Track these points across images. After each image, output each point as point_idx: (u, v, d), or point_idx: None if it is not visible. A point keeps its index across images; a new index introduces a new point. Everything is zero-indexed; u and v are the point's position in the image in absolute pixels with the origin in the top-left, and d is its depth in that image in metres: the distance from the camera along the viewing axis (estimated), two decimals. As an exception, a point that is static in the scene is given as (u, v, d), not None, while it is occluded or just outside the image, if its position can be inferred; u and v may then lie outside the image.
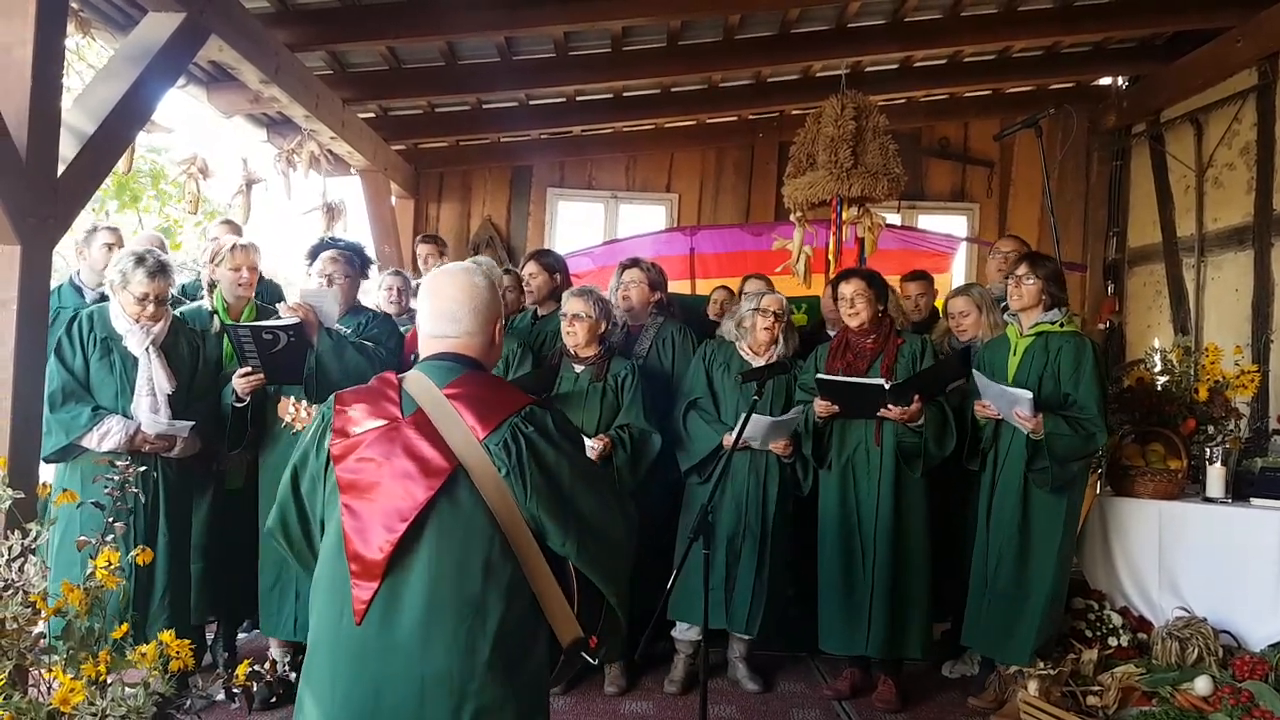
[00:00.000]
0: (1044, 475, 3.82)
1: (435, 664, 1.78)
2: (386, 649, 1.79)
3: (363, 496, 1.82)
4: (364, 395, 1.94)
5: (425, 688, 1.78)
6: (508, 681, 1.82)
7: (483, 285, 2.00)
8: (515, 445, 1.84)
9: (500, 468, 1.83)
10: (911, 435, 4.02)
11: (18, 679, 2.38)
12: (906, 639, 4.07)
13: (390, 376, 1.95)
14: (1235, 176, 6.19)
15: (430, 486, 1.80)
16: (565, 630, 1.89)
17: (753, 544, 4.16)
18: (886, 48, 6.39)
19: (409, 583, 1.80)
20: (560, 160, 8.04)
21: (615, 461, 4.02)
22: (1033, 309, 4.00)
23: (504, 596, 1.82)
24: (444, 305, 1.97)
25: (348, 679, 1.81)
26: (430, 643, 1.79)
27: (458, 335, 1.97)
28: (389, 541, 1.78)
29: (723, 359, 4.31)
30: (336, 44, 5.60)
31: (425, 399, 1.88)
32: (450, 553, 1.81)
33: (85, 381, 3.51)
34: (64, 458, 3.48)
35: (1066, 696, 3.70)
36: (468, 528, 1.82)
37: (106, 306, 3.62)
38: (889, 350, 4.15)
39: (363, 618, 1.79)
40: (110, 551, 2.53)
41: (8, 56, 2.88)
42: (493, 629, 1.80)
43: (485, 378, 1.98)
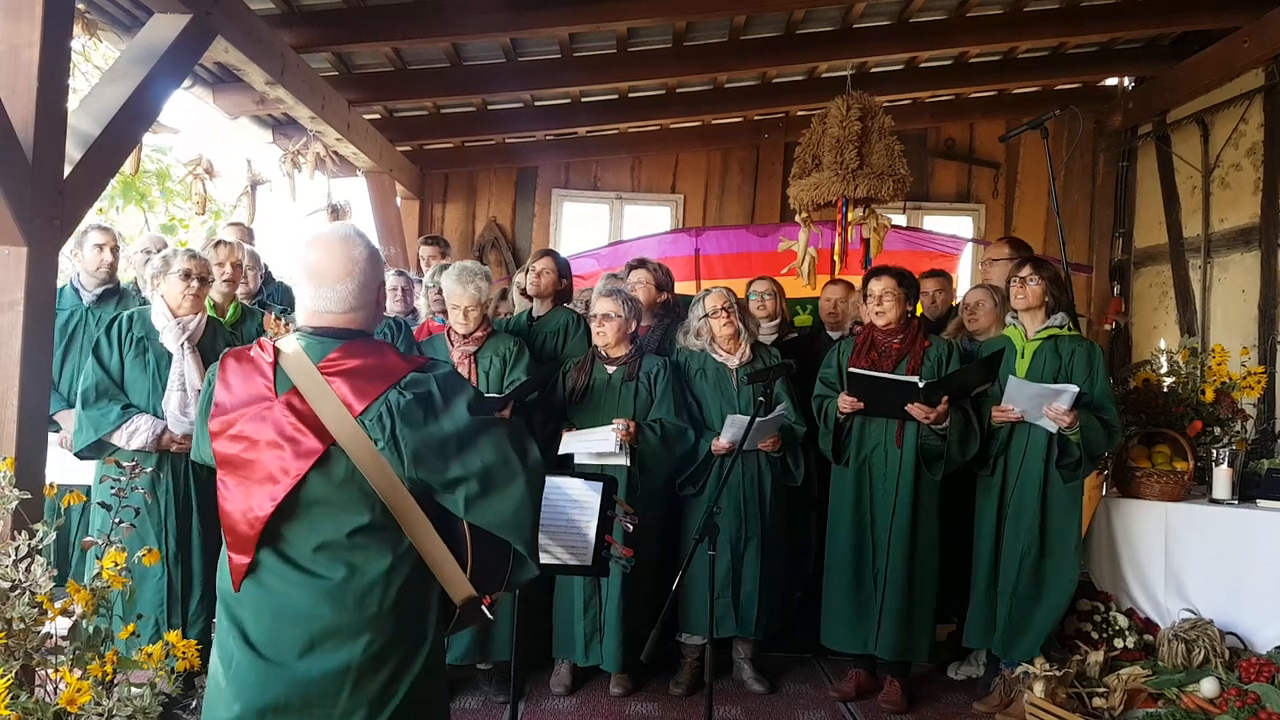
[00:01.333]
0: (1074, 470, 3.86)
1: (320, 623, 1.83)
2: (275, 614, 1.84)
3: (236, 473, 1.86)
4: (242, 363, 1.93)
5: (313, 646, 1.83)
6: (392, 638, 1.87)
7: (364, 256, 1.94)
8: (390, 418, 1.83)
9: (376, 441, 1.83)
10: (934, 438, 3.99)
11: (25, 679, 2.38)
12: (915, 642, 4.06)
13: (266, 346, 1.93)
14: (1242, 177, 6.18)
15: (300, 469, 1.81)
16: (457, 590, 1.92)
17: (756, 546, 4.15)
18: (892, 48, 6.38)
19: (288, 551, 1.85)
20: (565, 161, 8.04)
21: (643, 448, 4.01)
22: (1036, 310, 4.01)
23: (386, 563, 1.86)
24: (323, 281, 1.92)
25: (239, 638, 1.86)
26: (314, 605, 1.84)
27: (342, 312, 1.93)
28: (259, 519, 1.82)
29: (697, 366, 4.29)
30: (342, 45, 5.61)
31: (300, 376, 1.86)
32: (327, 522, 1.85)
33: (119, 380, 3.59)
34: (96, 454, 3.55)
35: (1072, 698, 3.69)
36: (345, 499, 1.85)
37: (149, 308, 3.70)
38: (915, 352, 4.11)
39: (239, 585, 1.86)
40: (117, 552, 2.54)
41: (15, 58, 2.89)
42: (376, 595, 1.85)
43: (365, 346, 1.93)
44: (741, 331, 4.22)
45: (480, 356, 4.05)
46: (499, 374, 4.02)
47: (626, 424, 3.98)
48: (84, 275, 4.40)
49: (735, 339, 4.23)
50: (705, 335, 4.26)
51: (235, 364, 1.93)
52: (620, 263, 6.37)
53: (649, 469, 4.04)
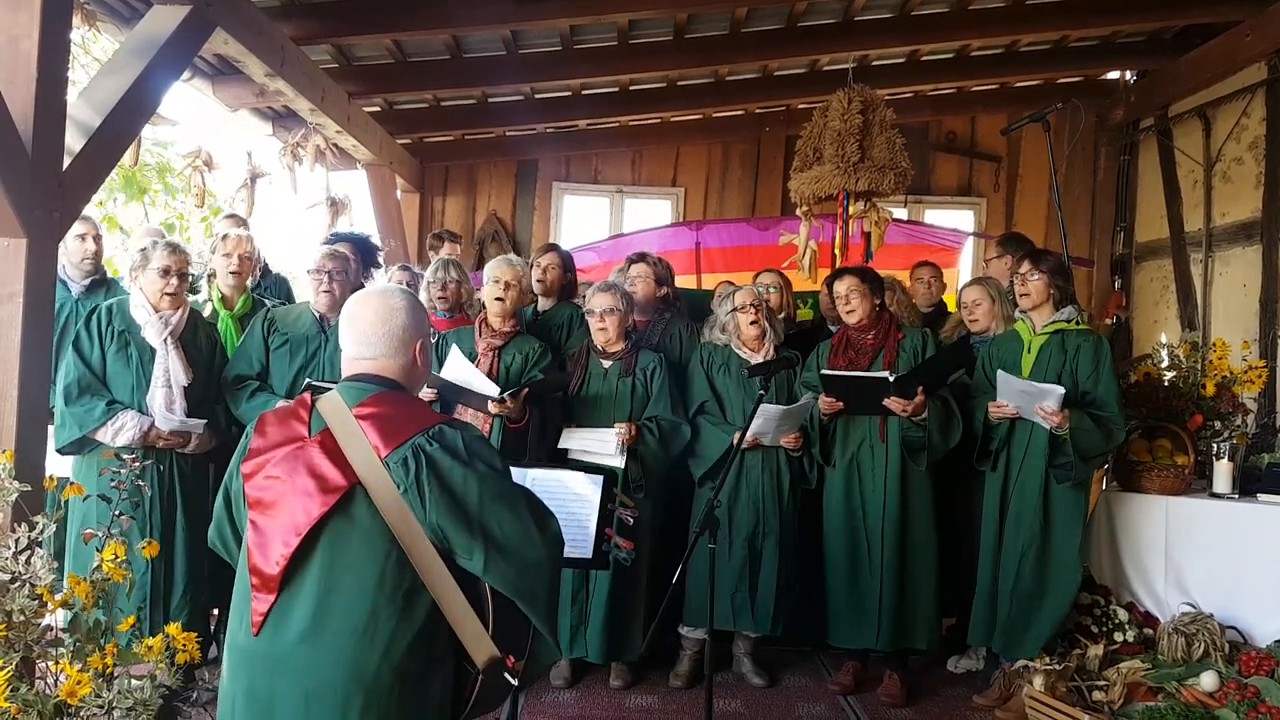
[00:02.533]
0: (1066, 471, 3.83)
1: (321, 677, 1.81)
2: (278, 660, 1.83)
3: (266, 512, 1.87)
4: (281, 416, 1.98)
5: (310, 701, 1.81)
6: (397, 699, 1.82)
7: (399, 307, 2.01)
8: (415, 462, 1.84)
9: (399, 485, 1.84)
10: (915, 429, 4.01)
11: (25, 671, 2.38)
12: (914, 631, 4.07)
13: (306, 398, 1.99)
14: (1243, 171, 6.17)
15: (325, 503, 1.82)
16: (478, 650, 1.87)
17: (774, 542, 4.15)
18: (893, 41, 6.37)
19: (300, 596, 1.84)
20: (566, 154, 8.03)
21: (641, 451, 4.02)
22: (1043, 306, 4.00)
23: (398, 612, 1.83)
24: (360, 329, 2.00)
25: (245, 688, 1.87)
26: (317, 656, 1.82)
27: (374, 357, 1.99)
28: (284, 556, 1.82)
29: (721, 361, 4.30)
30: (342, 37, 5.60)
31: (334, 418, 1.91)
32: (344, 568, 1.84)
33: (102, 374, 3.52)
34: (79, 450, 3.50)
35: (1072, 692, 3.70)
36: (364, 543, 1.84)
37: (127, 300, 3.64)
38: (890, 345, 4.14)
39: (259, 629, 1.84)
40: (117, 545, 2.54)
41: (14, 49, 2.88)
42: (382, 644, 1.82)
43: (399, 397, 1.98)
44: (768, 331, 4.22)
45: (505, 351, 4.04)
46: (519, 371, 4.02)
47: (629, 428, 3.98)
48: (70, 267, 4.32)
49: (760, 339, 4.23)
50: (731, 331, 4.26)
51: (273, 417, 1.99)
52: (621, 256, 6.36)
53: (647, 467, 4.05)
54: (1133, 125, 7.38)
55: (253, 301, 4.31)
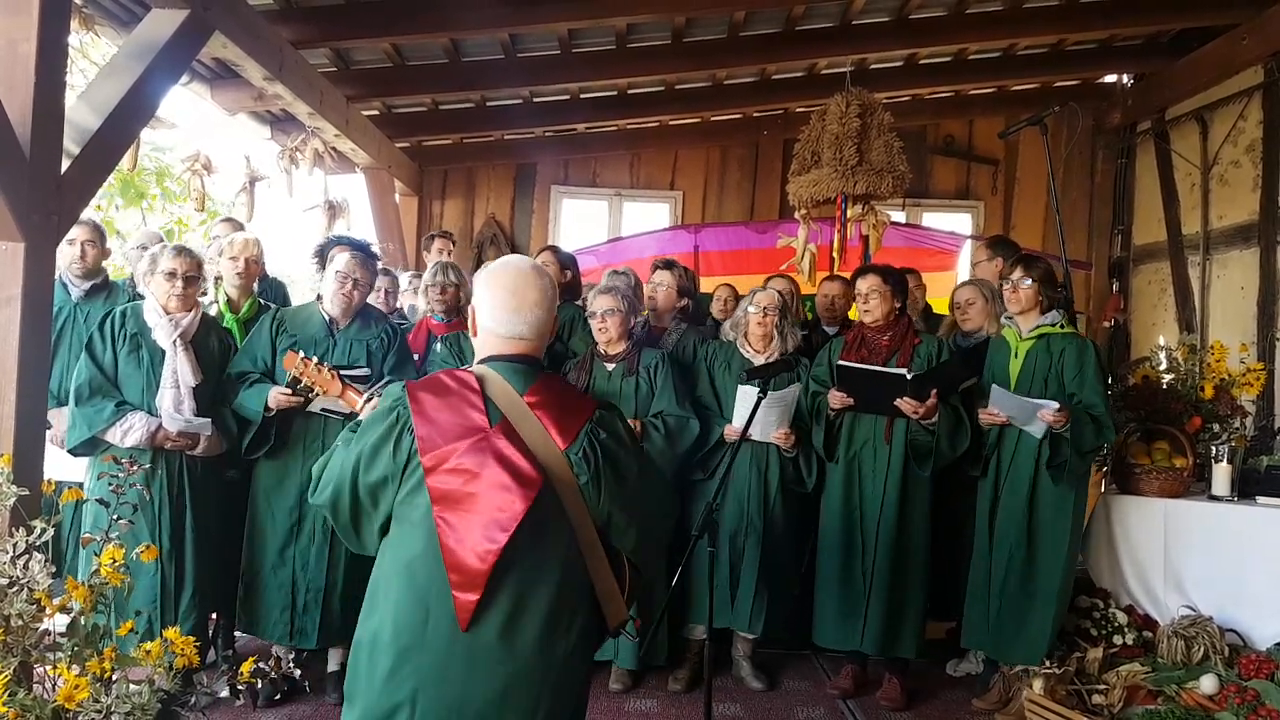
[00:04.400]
0: (1062, 470, 3.84)
1: (518, 666, 1.83)
2: (476, 654, 1.82)
3: (458, 508, 1.82)
4: (443, 396, 1.89)
5: (508, 692, 1.83)
6: (572, 678, 1.92)
7: (553, 288, 2.01)
8: (594, 455, 1.90)
9: (580, 476, 1.89)
10: (924, 433, 3.99)
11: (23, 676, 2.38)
12: (900, 638, 4.06)
13: (467, 378, 1.91)
14: (1241, 174, 6.18)
15: (527, 497, 1.81)
16: (616, 615, 1.99)
17: (755, 540, 4.14)
18: (891, 45, 6.38)
19: (500, 588, 1.83)
20: (564, 158, 8.04)
21: (649, 448, 4.00)
22: (1031, 311, 4.01)
23: (576, 595, 1.91)
24: (525, 308, 1.94)
25: (434, 684, 1.81)
26: (516, 646, 1.84)
27: (534, 339, 1.97)
28: (491, 551, 1.79)
29: (724, 358, 4.31)
30: (341, 41, 5.60)
31: (509, 407, 1.89)
32: (534, 557, 1.86)
33: (113, 376, 3.55)
34: (90, 451, 3.52)
35: (1071, 695, 3.69)
36: (550, 533, 1.87)
37: (141, 304, 3.66)
38: (905, 348, 4.11)
39: (467, 625, 1.81)
40: (115, 549, 2.53)
41: (12, 52, 2.88)
42: (567, 628, 1.88)
43: (556, 383, 2.02)
44: (775, 338, 4.22)
45: None
46: None
47: (635, 424, 3.98)
48: (65, 272, 4.33)
49: (765, 340, 4.23)
50: (741, 327, 4.27)
51: (433, 397, 1.88)
52: (619, 259, 6.38)
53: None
54: (1130, 128, 7.39)
55: (258, 305, 4.31)
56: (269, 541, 3.76)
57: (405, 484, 1.86)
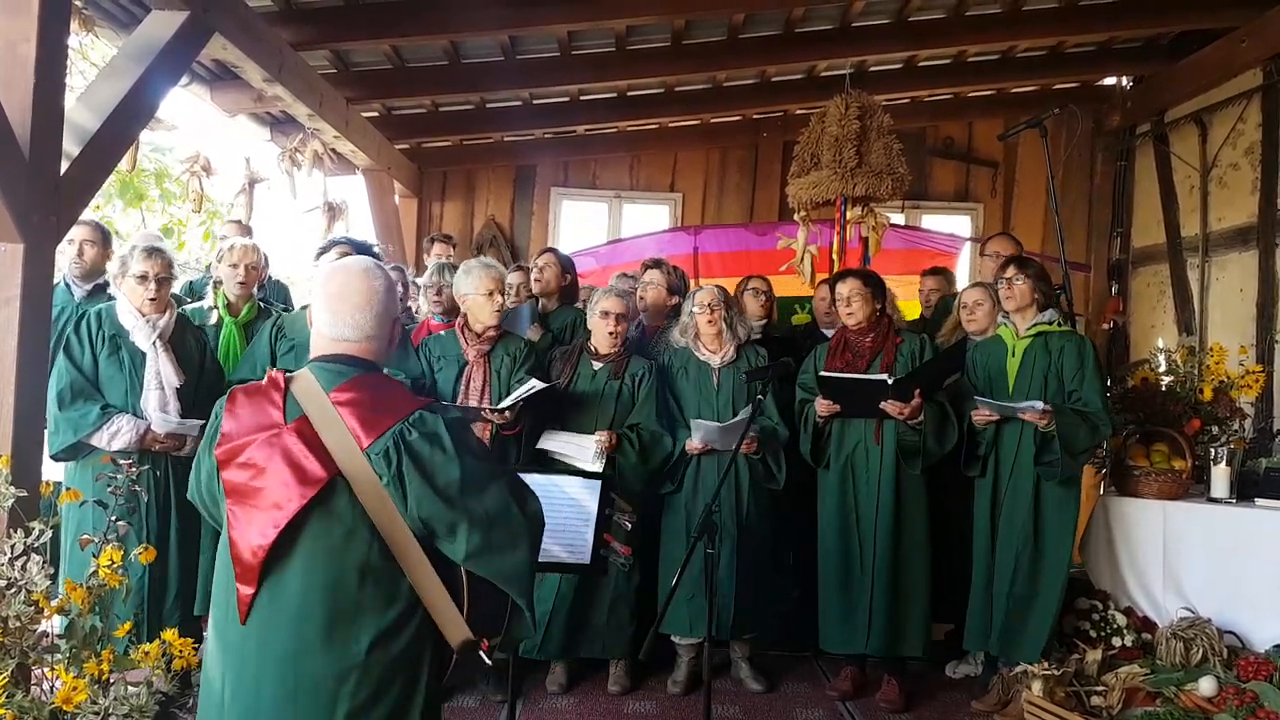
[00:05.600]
0: (1053, 468, 3.84)
1: (310, 665, 1.81)
2: (264, 648, 1.83)
3: (244, 502, 1.84)
4: (252, 396, 1.93)
5: (299, 688, 1.81)
6: (385, 682, 1.85)
7: (382, 288, 1.99)
8: (397, 454, 1.83)
9: (381, 476, 1.83)
10: (911, 433, 4.01)
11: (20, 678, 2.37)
12: (906, 637, 4.06)
13: (278, 377, 1.93)
14: (1240, 176, 6.18)
15: (304, 495, 1.80)
16: (454, 633, 1.89)
17: (730, 546, 4.10)
18: (891, 47, 6.38)
19: (285, 585, 1.83)
20: (564, 160, 8.04)
21: (621, 461, 4.01)
22: (1027, 309, 4.02)
23: (382, 600, 1.85)
24: (346, 309, 1.95)
25: (234, 675, 1.85)
26: (305, 645, 1.82)
27: (358, 340, 1.96)
28: (262, 547, 1.81)
29: (680, 364, 4.30)
30: (340, 43, 5.60)
31: (311, 405, 1.87)
32: (326, 557, 1.83)
33: (94, 379, 3.50)
34: (73, 456, 3.48)
35: (1071, 697, 3.69)
36: (346, 533, 1.84)
37: (115, 305, 3.62)
38: (888, 349, 4.15)
39: (245, 617, 1.83)
40: (113, 550, 2.53)
41: (11, 53, 2.88)
42: (368, 632, 1.83)
43: (375, 380, 1.96)
44: (725, 332, 4.20)
45: (493, 356, 4.05)
46: (509, 372, 4.02)
47: (609, 436, 3.98)
48: (67, 272, 4.32)
49: (718, 338, 4.22)
50: (690, 332, 4.26)
51: (244, 396, 1.93)
52: (619, 261, 6.38)
53: (625, 479, 4.02)
54: (1129, 131, 7.40)
55: (258, 309, 4.31)
56: None
57: (220, 482, 1.90)
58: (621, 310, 4.15)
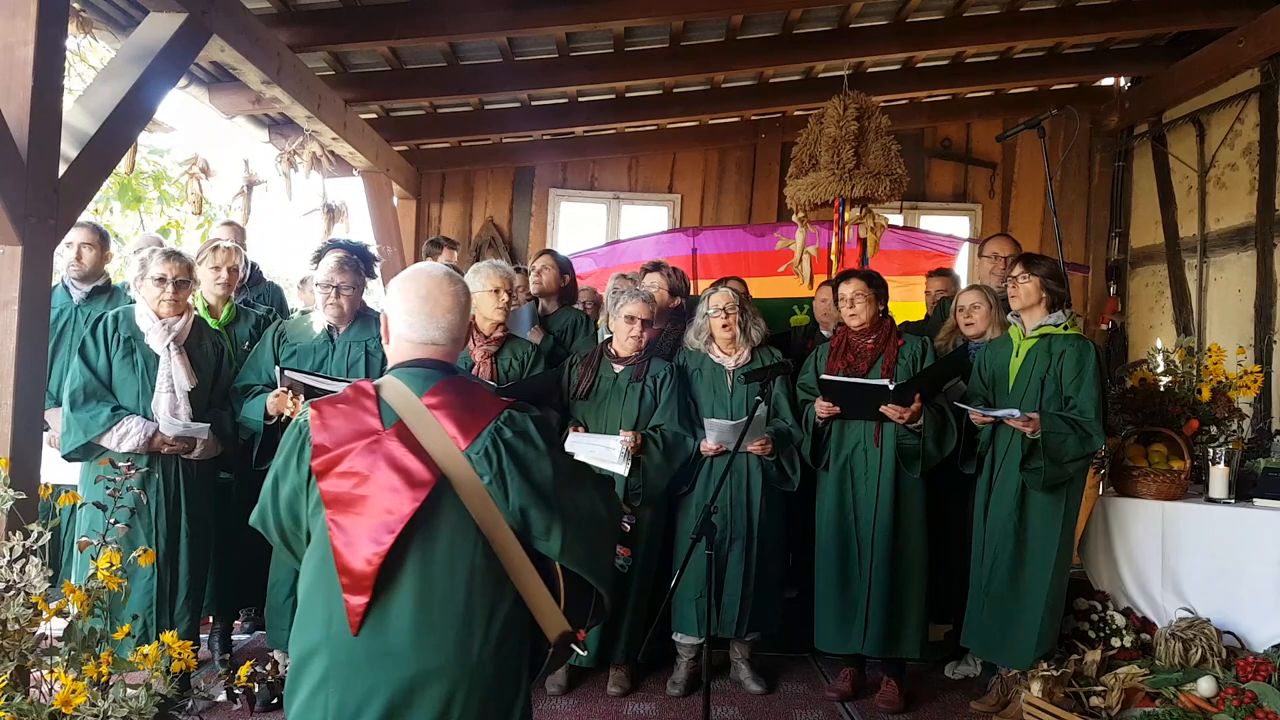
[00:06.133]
0: (1037, 475, 3.80)
1: (425, 668, 1.81)
2: (377, 656, 1.81)
3: (348, 511, 1.82)
4: (341, 405, 1.91)
5: (416, 689, 1.81)
6: (496, 677, 1.86)
7: (465, 291, 2.03)
8: (496, 453, 1.86)
9: (483, 476, 1.85)
10: (911, 437, 4.01)
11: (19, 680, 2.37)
12: (903, 639, 4.06)
13: (366, 386, 1.93)
14: (1237, 177, 6.19)
15: (415, 499, 1.80)
16: (552, 626, 1.92)
17: (741, 547, 4.13)
18: (889, 48, 6.38)
19: (399, 592, 1.82)
20: (562, 161, 8.04)
21: (646, 461, 4.01)
22: (1034, 309, 3.99)
23: (490, 599, 1.86)
24: (438, 312, 1.96)
25: (340, 687, 1.82)
26: (421, 648, 1.82)
27: (446, 344, 1.98)
28: (377, 554, 1.79)
29: (694, 365, 4.31)
30: (338, 45, 5.60)
31: (405, 409, 1.88)
32: (436, 560, 1.83)
33: (108, 381, 3.54)
34: (85, 456, 3.51)
35: (1069, 697, 3.69)
36: (453, 535, 1.84)
37: (132, 307, 3.65)
38: (889, 351, 4.14)
39: (358, 628, 1.81)
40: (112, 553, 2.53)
41: (9, 56, 2.88)
42: (480, 631, 1.84)
43: (461, 383, 1.97)
44: (738, 335, 4.21)
45: (500, 357, 4.06)
46: (516, 376, 4.03)
47: (634, 436, 3.99)
48: (65, 274, 4.32)
49: (733, 342, 4.23)
50: (704, 334, 4.26)
51: (331, 408, 1.91)
52: (618, 263, 6.38)
53: (650, 480, 4.04)
54: (1127, 131, 7.41)
55: (237, 310, 4.31)
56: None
57: (311, 495, 1.88)
58: (646, 315, 4.16)
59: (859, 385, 4.00)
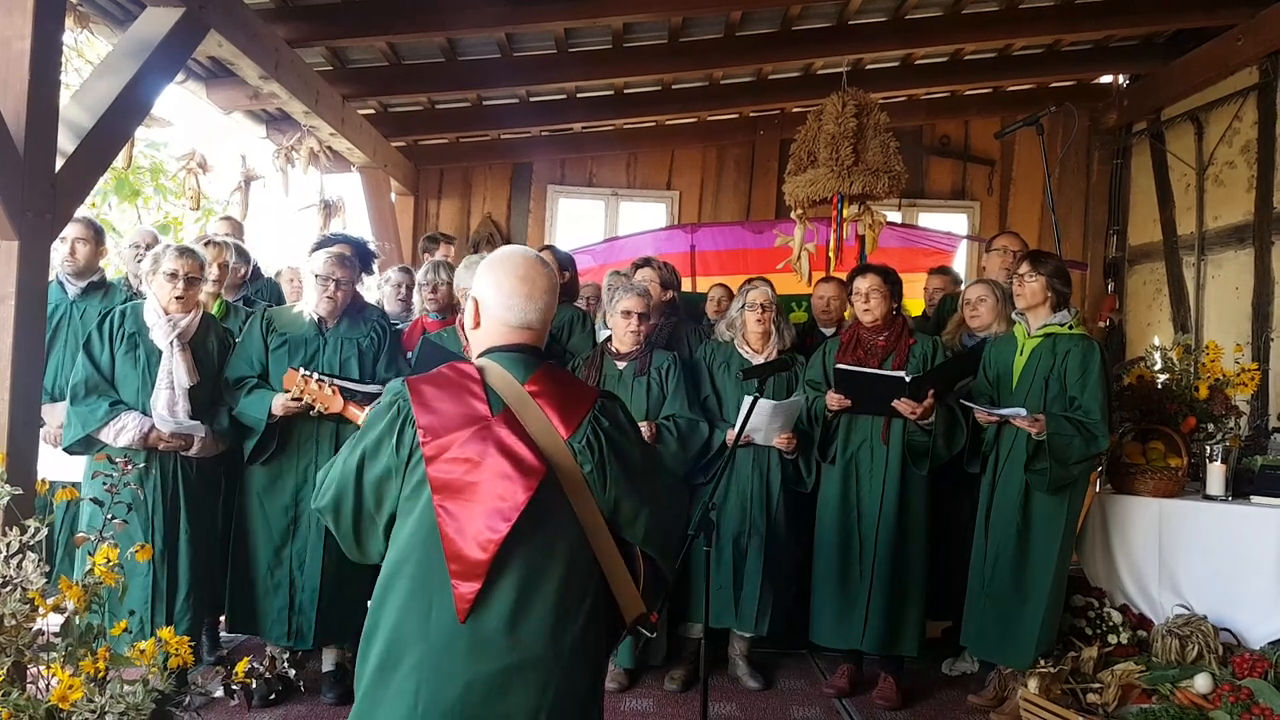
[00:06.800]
0: (1042, 476, 3.79)
1: (525, 654, 1.81)
2: (479, 644, 1.81)
3: (458, 497, 1.80)
4: (444, 388, 1.88)
5: (512, 677, 1.81)
6: (584, 663, 1.89)
7: (555, 275, 2.03)
8: (597, 443, 1.88)
9: (584, 465, 1.87)
10: (920, 434, 4.00)
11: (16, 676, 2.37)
12: (902, 636, 4.06)
13: (468, 369, 1.90)
14: (1235, 175, 6.19)
15: (529, 487, 1.80)
16: (631, 609, 1.96)
17: (759, 542, 4.15)
18: (888, 45, 6.39)
19: (503, 580, 1.81)
20: (561, 157, 8.03)
21: (663, 451, 3.99)
22: (1039, 308, 3.96)
23: (584, 585, 1.88)
24: (537, 295, 1.94)
25: (436, 674, 1.80)
26: (521, 635, 1.82)
27: (541, 327, 1.97)
28: (492, 541, 1.78)
29: (722, 358, 4.31)
30: (336, 40, 5.59)
31: (510, 396, 1.87)
32: (538, 547, 1.84)
33: (110, 375, 3.54)
34: (85, 450, 3.52)
35: (1066, 694, 3.70)
36: (554, 523, 1.85)
37: (142, 303, 3.65)
38: (900, 349, 4.12)
39: (466, 615, 1.79)
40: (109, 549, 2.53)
41: (6, 51, 2.87)
42: (575, 616, 1.86)
43: (557, 372, 1.98)
44: (773, 334, 4.22)
45: None
46: None
47: (649, 426, 3.99)
48: (59, 270, 4.32)
49: (764, 339, 4.23)
50: (738, 327, 4.27)
51: (434, 389, 1.87)
52: (616, 259, 6.38)
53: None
54: (1125, 129, 7.40)
55: (228, 307, 4.31)
56: (263, 542, 3.76)
57: (410, 477, 1.84)
58: (643, 309, 4.16)
59: (876, 376, 3.98)
